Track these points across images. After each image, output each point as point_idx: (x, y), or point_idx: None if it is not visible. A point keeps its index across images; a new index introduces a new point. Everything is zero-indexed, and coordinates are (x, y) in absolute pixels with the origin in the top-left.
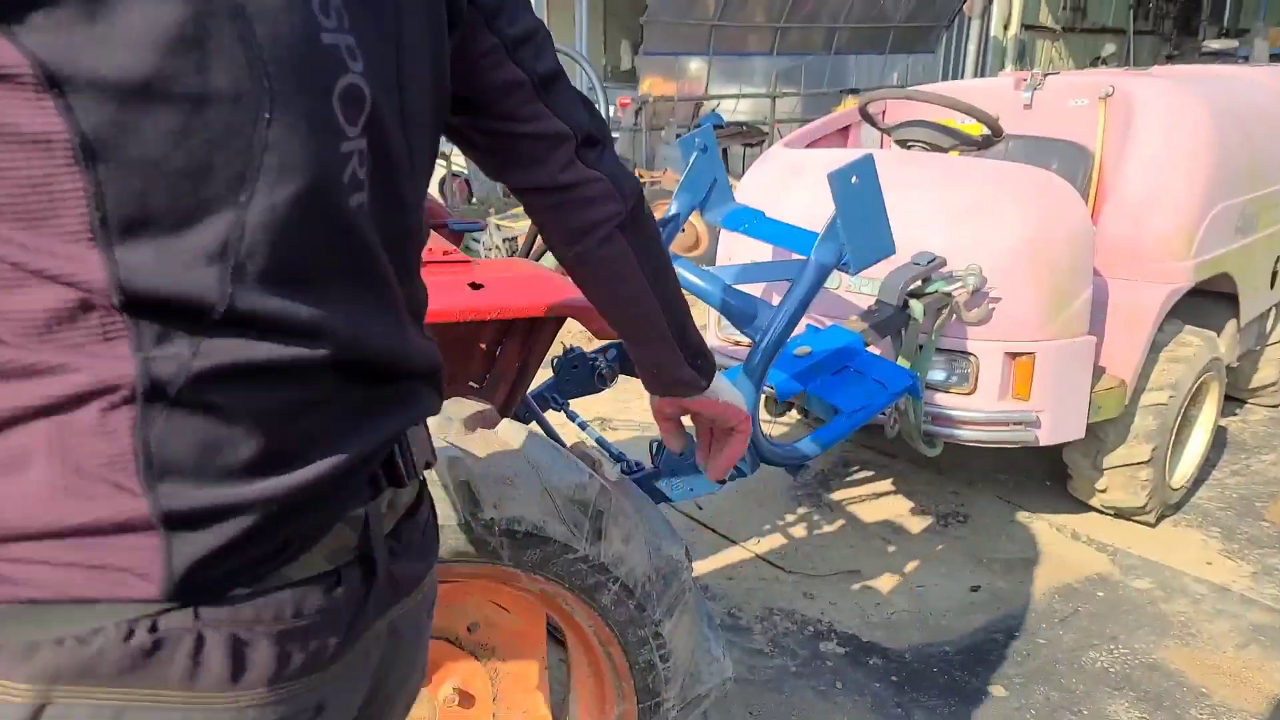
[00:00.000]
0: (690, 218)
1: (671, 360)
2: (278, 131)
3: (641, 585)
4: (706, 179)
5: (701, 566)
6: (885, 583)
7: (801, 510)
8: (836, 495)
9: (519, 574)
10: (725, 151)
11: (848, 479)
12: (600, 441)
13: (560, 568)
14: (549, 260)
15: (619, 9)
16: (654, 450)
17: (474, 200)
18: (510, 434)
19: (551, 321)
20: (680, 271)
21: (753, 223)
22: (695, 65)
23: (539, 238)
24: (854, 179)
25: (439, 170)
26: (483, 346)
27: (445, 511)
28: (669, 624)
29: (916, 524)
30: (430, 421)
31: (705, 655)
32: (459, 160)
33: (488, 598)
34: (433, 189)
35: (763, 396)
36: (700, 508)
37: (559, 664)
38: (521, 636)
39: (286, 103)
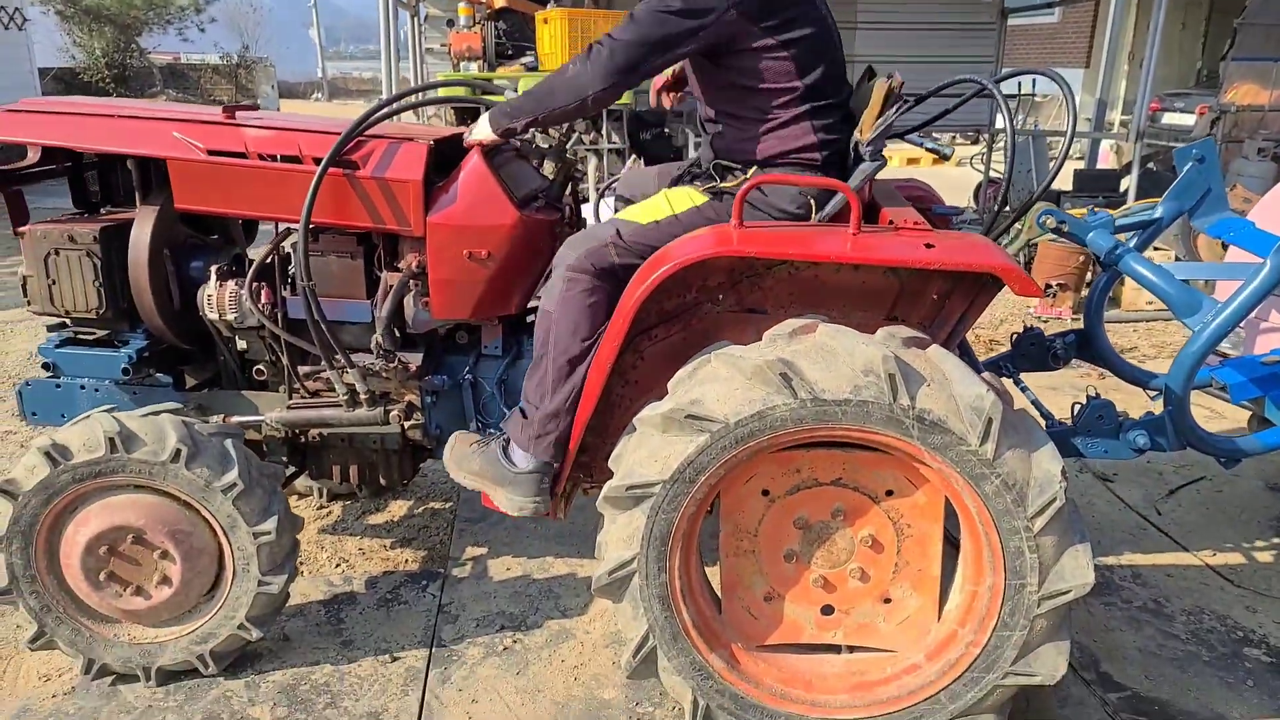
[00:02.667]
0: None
1: None
2: None
3: (1019, 485)
4: (1200, 188)
5: (1139, 560)
6: None
7: (1277, 537)
8: None
9: (924, 452)
10: None
11: None
12: (1036, 404)
13: (955, 455)
14: None
15: (1229, 5)
16: (1074, 411)
17: (1008, 209)
18: (935, 354)
19: (990, 287)
20: (1132, 264)
21: (1238, 231)
22: None
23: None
24: None
25: (976, 175)
26: (934, 297)
27: (874, 394)
28: (1039, 521)
29: None
30: (877, 334)
31: (1071, 560)
32: (998, 169)
33: (903, 472)
34: (964, 191)
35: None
36: (1159, 513)
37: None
38: (924, 510)
39: None
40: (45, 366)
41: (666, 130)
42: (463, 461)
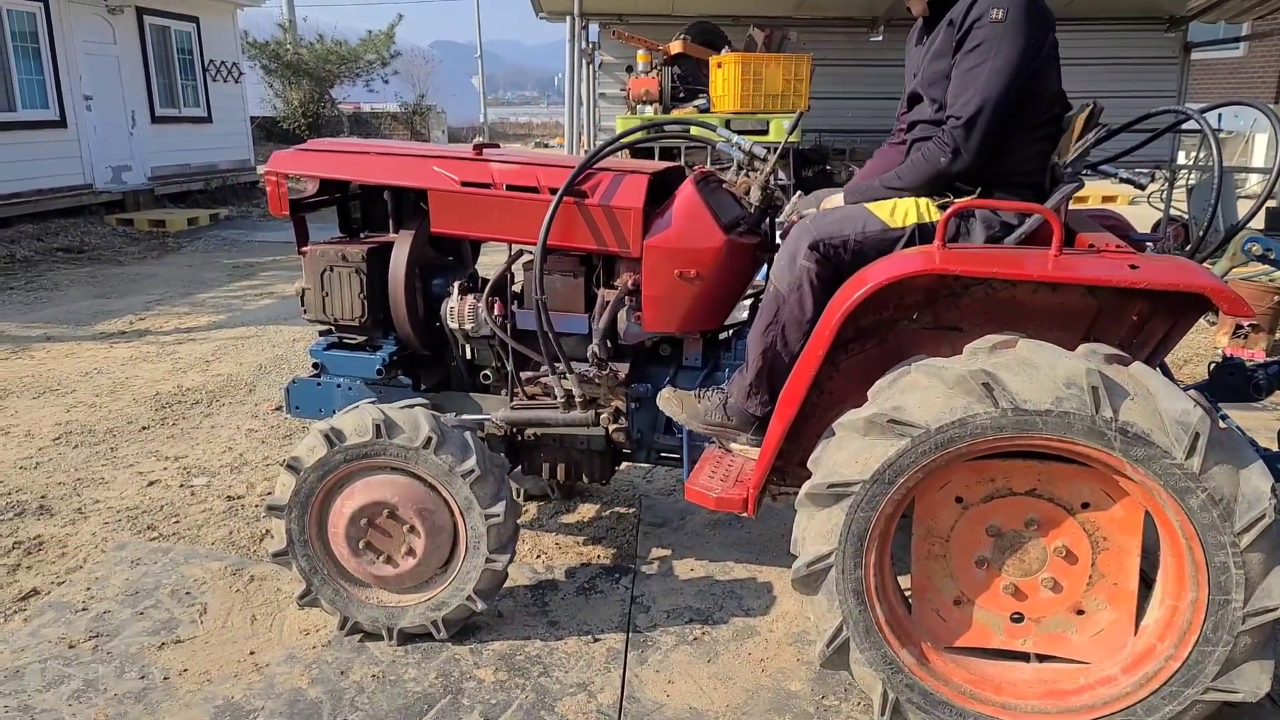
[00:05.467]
0: None
1: None
2: None
3: (1226, 500)
4: None
5: None
6: None
7: None
8: None
9: (1125, 464)
10: None
11: None
12: (1238, 429)
13: (1159, 468)
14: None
15: None
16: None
17: (1187, 246)
18: (1138, 369)
19: (1192, 311)
20: None
21: None
22: None
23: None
24: None
25: (1151, 213)
26: (1133, 319)
27: (1076, 405)
28: (1246, 538)
29: None
30: (1079, 350)
31: (1279, 578)
32: (1180, 207)
33: (1100, 485)
34: (1139, 228)
35: None
36: None
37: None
38: (1121, 523)
39: None
40: (315, 366)
41: (828, 168)
42: (698, 415)
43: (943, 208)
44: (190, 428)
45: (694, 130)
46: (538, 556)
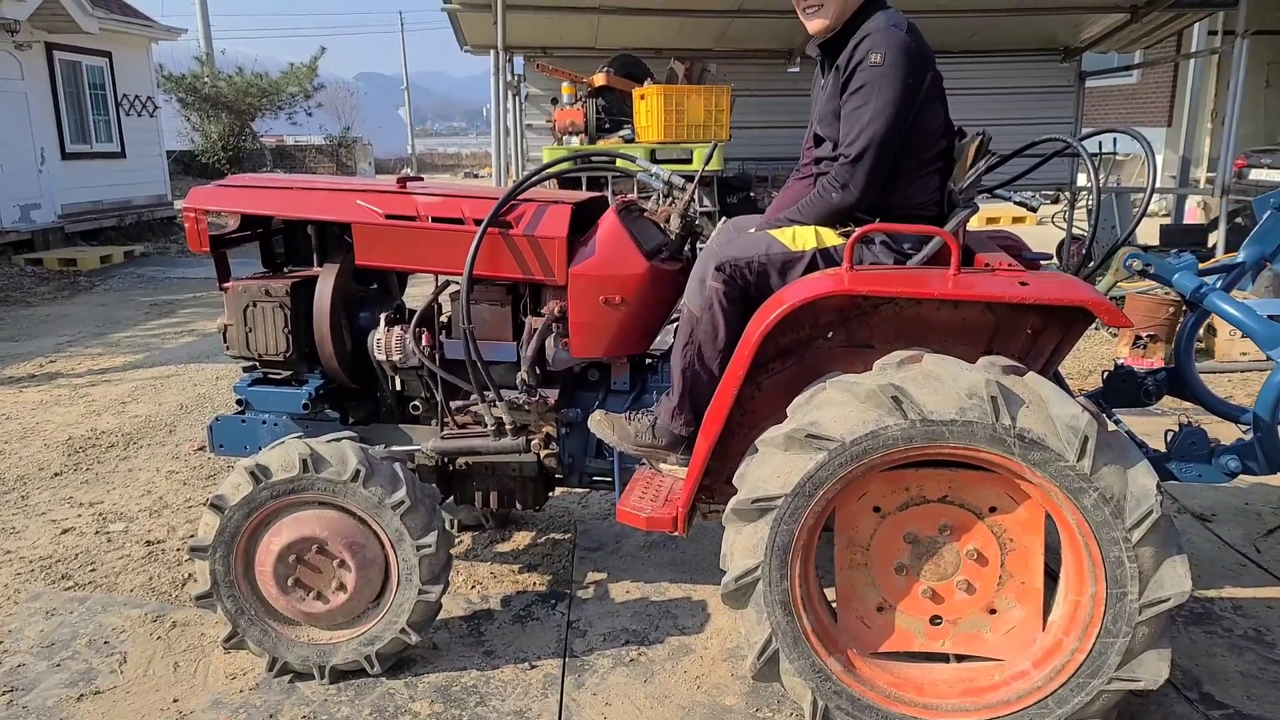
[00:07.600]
0: None
1: None
2: None
3: (1116, 498)
4: (1278, 235)
5: (1240, 593)
6: None
7: None
8: None
9: (1025, 468)
10: None
11: None
12: (1130, 435)
13: (1054, 471)
14: None
15: None
16: (1168, 438)
17: (1090, 264)
18: (1032, 379)
19: (1080, 323)
20: (1217, 302)
21: None
22: None
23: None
24: None
25: (1056, 233)
26: (1028, 332)
27: (978, 414)
28: (1137, 533)
29: None
30: (979, 362)
31: (1170, 569)
32: (1081, 226)
33: (1005, 490)
34: (1044, 248)
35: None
36: (1258, 550)
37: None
38: (1025, 525)
39: None
40: (239, 402)
41: (752, 194)
42: (628, 437)
43: (844, 234)
44: (106, 472)
45: (618, 162)
46: (473, 586)
